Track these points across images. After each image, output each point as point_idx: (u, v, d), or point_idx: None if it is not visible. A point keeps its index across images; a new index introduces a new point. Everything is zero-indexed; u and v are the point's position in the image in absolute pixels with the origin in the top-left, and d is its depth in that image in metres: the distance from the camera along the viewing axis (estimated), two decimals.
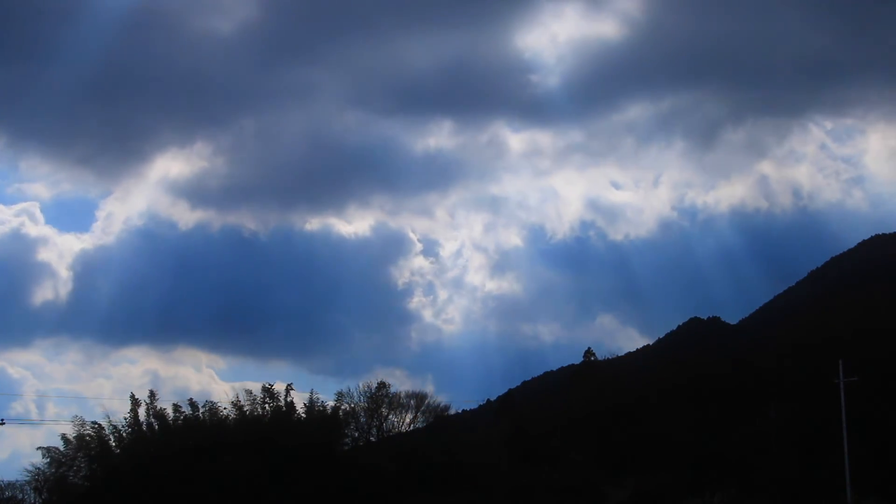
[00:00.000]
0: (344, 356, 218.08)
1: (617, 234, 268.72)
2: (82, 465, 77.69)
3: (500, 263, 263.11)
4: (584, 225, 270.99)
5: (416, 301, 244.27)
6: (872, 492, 64.22)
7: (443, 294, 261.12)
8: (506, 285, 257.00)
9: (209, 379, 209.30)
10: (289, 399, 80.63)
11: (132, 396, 79.37)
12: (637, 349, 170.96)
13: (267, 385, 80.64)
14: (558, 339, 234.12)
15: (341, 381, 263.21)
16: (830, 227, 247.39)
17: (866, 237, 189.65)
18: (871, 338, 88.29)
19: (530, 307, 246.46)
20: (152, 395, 79.73)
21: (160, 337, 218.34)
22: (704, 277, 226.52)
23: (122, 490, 71.17)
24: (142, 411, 78.48)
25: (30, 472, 78.43)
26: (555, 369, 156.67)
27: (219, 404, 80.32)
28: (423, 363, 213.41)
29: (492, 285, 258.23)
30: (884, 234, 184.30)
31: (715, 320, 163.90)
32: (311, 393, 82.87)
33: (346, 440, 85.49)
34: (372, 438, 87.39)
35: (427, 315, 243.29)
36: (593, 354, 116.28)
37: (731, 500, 68.46)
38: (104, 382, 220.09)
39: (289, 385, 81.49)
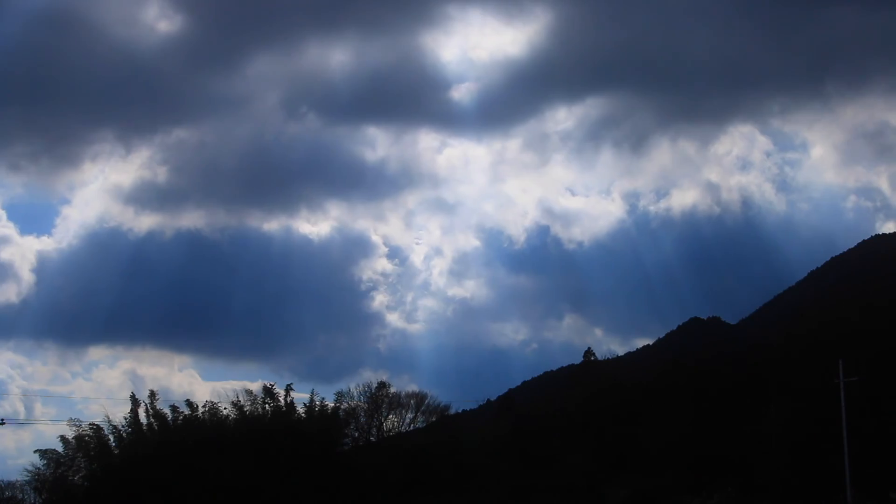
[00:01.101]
0: (310, 357, 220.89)
1: (571, 239, 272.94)
2: (82, 466, 77.77)
3: (463, 267, 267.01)
4: (540, 229, 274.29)
5: (382, 303, 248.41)
6: (872, 492, 64.23)
7: (410, 296, 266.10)
8: (468, 289, 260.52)
9: (191, 379, 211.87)
10: (289, 399, 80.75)
11: (132, 396, 79.67)
12: (637, 349, 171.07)
13: (267, 385, 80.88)
14: (525, 340, 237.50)
15: (311, 385, 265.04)
16: (768, 226, 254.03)
17: (803, 237, 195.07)
18: (871, 338, 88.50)
19: (495, 309, 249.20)
20: (152, 395, 79.90)
21: (128, 339, 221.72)
22: (652, 281, 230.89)
23: (122, 490, 71.24)
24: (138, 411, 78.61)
25: (30, 472, 78.55)
26: (555, 369, 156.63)
27: (219, 404, 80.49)
28: (397, 365, 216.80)
29: (456, 288, 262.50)
30: (884, 234, 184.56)
31: (715, 320, 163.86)
32: (312, 393, 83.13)
33: (346, 440, 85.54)
34: (372, 438, 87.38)
35: (396, 318, 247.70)
36: (593, 354, 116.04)
37: (730, 500, 68.43)
38: (84, 383, 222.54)
39: (289, 385, 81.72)
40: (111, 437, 77.74)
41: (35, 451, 77.52)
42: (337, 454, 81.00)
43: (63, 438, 76.80)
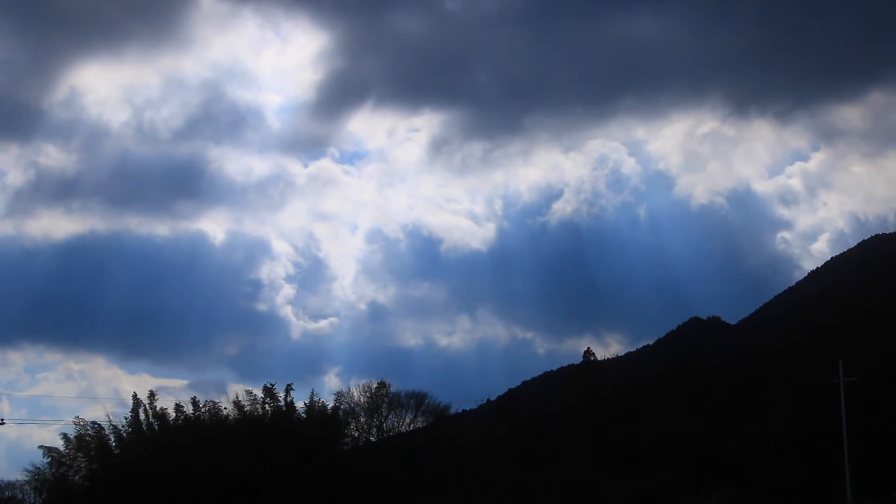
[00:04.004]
0: (228, 358, 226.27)
1: (446, 245, 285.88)
2: (82, 465, 77.73)
3: (366, 271, 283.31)
4: (425, 237, 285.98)
5: (285, 305, 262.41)
6: (873, 492, 64.23)
7: (311, 298, 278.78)
8: (371, 292, 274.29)
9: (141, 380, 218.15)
10: (289, 399, 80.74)
11: (134, 396, 79.58)
12: (637, 349, 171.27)
13: (268, 385, 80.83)
14: (423, 339, 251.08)
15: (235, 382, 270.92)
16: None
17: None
18: (871, 338, 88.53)
19: (394, 311, 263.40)
20: (152, 395, 79.85)
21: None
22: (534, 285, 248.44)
23: (122, 490, 71.24)
24: (112, 413, 78.70)
25: (30, 471, 78.47)
26: (554, 369, 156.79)
27: (219, 404, 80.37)
28: (313, 361, 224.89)
29: (363, 291, 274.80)
30: (884, 234, 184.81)
31: (715, 320, 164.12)
32: (312, 393, 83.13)
33: (346, 440, 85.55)
34: (372, 438, 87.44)
35: (300, 318, 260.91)
36: (593, 354, 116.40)
37: (729, 500, 68.43)
38: (34, 386, 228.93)
39: (289, 385, 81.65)
40: (112, 437, 77.72)
41: (39, 447, 77.56)
42: (337, 454, 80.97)
43: (65, 436, 76.84)
